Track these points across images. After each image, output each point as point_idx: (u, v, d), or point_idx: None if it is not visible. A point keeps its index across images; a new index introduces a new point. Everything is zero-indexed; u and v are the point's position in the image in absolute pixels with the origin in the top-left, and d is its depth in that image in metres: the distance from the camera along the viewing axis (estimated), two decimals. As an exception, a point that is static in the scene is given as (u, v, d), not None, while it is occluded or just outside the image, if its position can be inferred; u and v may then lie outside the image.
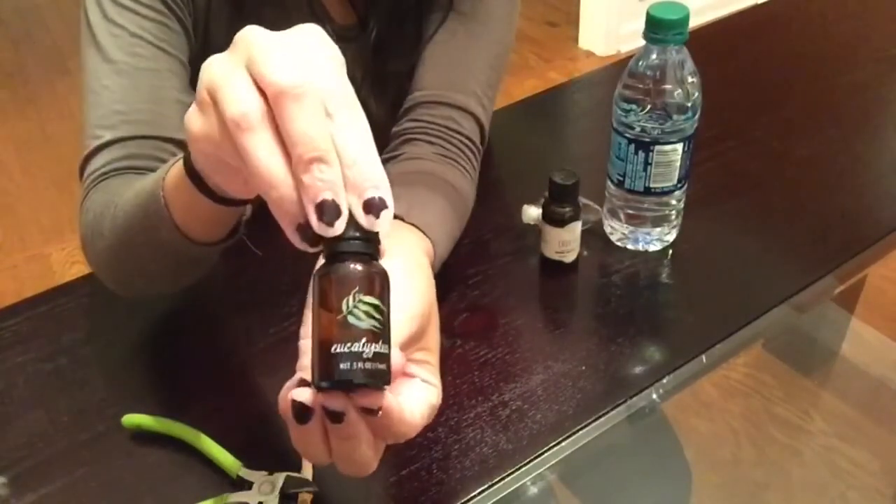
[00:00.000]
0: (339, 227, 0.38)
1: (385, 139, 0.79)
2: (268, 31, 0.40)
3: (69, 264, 2.09)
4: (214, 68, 0.40)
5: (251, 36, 0.40)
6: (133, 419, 0.63)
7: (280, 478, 0.58)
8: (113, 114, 0.68)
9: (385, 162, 0.73)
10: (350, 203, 0.38)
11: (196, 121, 0.42)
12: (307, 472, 0.59)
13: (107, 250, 0.64)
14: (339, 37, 0.80)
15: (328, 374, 0.38)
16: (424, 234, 0.61)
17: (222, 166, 0.44)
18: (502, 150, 0.93)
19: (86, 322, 0.75)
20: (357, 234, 0.38)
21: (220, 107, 0.39)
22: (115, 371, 0.70)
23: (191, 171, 0.50)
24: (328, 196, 0.37)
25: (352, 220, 0.38)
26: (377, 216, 0.38)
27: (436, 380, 0.48)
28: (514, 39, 0.83)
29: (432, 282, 0.52)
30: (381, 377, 0.38)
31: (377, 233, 0.39)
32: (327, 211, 0.37)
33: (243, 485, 0.58)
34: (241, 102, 0.38)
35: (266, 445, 0.62)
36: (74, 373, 0.69)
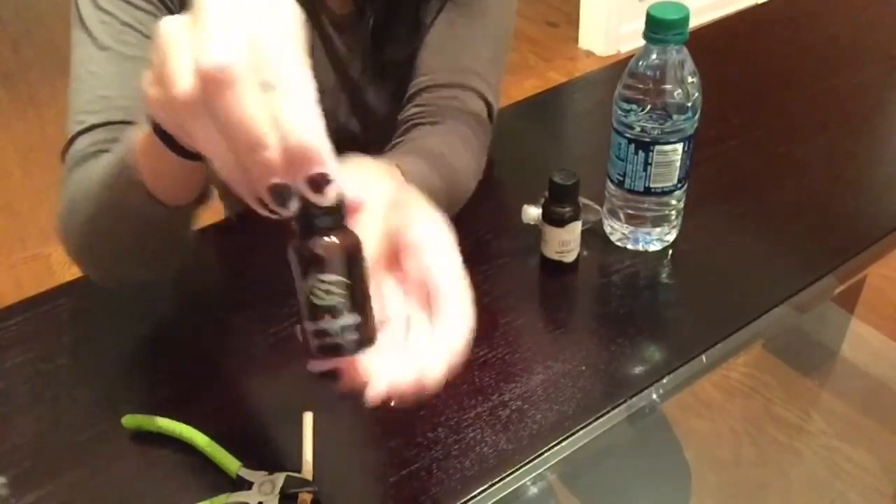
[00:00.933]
0: (293, 206, 0.38)
1: (385, 128, 0.79)
2: None
3: (69, 264, 2.08)
4: (163, 36, 0.39)
5: (198, 2, 0.38)
6: (133, 419, 0.63)
7: (280, 478, 0.58)
8: (99, 99, 0.69)
9: (391, 149, 0.73)
10: (295, 181, 0.38)
11: (149, 87, 0.41)
12: (307, 472, 0.59)
13: (80, 227, 0.63)
14: (337, 26, 0.81)
15: (309, 350, 0.39)
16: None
17: (180, 130, 0.44)
18: (502, 150, 0.93)
19: (86, 322, 0.74)
20: (316, 212, 0.38)
21: (164, 82, 0.39)
22: (115, 371, 0.69)
23: (155, 125, 0.49)
24: (275, 180, 0.37)
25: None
26: (322, 192, 0.38)
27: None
28: (514, 21, 0.83)
29: (398, 180, 0.53)
30: (353, 347, 0.39)
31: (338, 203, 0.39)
32: (277, 195, 0.38)
33: (243, 485, 0.58)
34: (178, 83, 0.38)
35: (266, 445, 0.62)
36: (74, 373, 0.69)
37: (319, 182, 0.38)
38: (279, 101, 0.37)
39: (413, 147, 0.72)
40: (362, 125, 0.88)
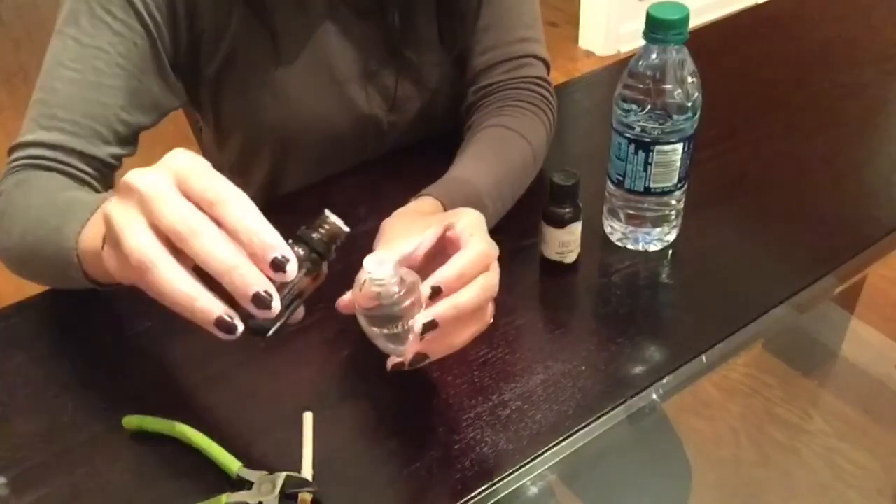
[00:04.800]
0: (276, 306, 0.46)
1: (409, 114, 0.89)
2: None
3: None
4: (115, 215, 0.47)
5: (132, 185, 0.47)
6: (133, 419, 0.63)
7: (280, 478, 0.58)
8: (52, 117, 0.75)
9: (467, 130, 0.85)
10: (262, 270, 0.46)
11: (111, 261, 0.50)
12: (307, 472, 0.59)
13: (8, 251, 0.72)
14: (359, 14, 0.84)
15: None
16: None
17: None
18: (502, 150, 0.93)
19: (86, 322, 0.75)
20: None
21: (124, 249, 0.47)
22: (115, 371, 0.70)
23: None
24: (255, 289, 0.45)
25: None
26: (285, 270, 0.46)
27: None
28: None
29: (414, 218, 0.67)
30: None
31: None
32: (259, 300, 0.45)
33: (243, 484, 0.58)
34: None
35: (266, 445, 0.62)
36: (74, 373, 0.70)
37: (281, 263, 0.46)
38: (230, 214, 0.45)
39: (483, 135, 0.81)
40: (387, 112, 0.90)
